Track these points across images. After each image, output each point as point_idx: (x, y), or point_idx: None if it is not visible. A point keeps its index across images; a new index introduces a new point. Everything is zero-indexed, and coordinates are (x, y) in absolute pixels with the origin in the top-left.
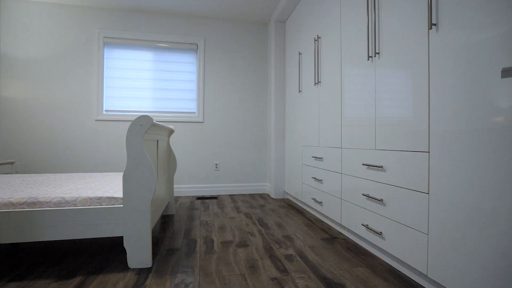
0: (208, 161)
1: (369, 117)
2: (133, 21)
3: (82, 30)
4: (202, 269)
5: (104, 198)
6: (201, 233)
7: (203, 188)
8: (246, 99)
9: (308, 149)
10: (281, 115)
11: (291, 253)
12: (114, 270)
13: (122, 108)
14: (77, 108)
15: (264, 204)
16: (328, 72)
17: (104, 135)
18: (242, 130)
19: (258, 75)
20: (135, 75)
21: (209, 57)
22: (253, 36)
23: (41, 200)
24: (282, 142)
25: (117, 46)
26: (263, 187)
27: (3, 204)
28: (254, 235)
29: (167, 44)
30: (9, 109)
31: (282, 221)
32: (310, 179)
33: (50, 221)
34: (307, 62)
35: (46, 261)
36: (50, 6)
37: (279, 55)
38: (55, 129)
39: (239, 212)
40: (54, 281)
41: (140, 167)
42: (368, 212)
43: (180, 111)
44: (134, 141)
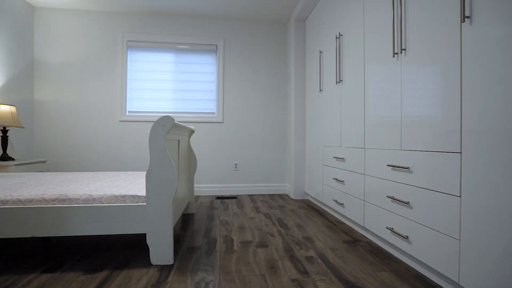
0: (227, 161)
1: (394, 116)
2: (154, 24)
3: (107, 35)
4: (222, 268)
5: (128, 196)
6: (221, 233)
7: (223, 188)
8: (265, 99)
9: (329, 149)
10: (301, 114)
11: (311, 254)
12: (137, 266)
13: (144, 109)
14: (102, 110)
15: (283, 204)
16: (351, 70)
17: (127, 135)
18: (262, 130)
19: (277, 75)
20: (157, 76)
21: (229, 58)
22: (272, 36)
23: (71, 197)
24: (302, 142)
25: (139, 49)
26: (282, 188)
27: (37, 200)
28: (274, 236)
29: (187, 46)
30: (42, 111)
31: (302, 222)
32: (331, 180)
33: (79, 217)
34: (328, 60)
35: (75, 255)
36: (78, 13)
37: (299, 54)
38: (82, 130)
39: (258, 212)
40: (82, 274)
41: (163, 167)
42: (393, 214)
43: (200, 112)
44: (156, 141)
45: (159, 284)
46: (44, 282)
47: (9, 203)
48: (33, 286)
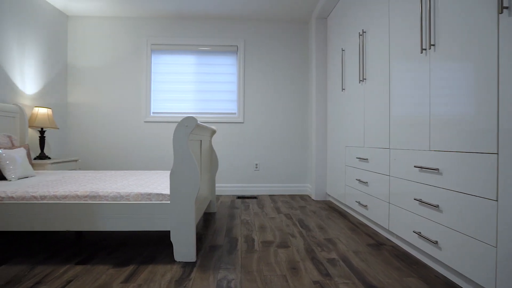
0: (248, 161)
1: (422, 115)
2: (177, 28)
3: (133, 39)
4: (243, 267)
5: (153, 194)
6: (242, 232)
7: (243, 188)
8: (286, 98)
9: (352, 150)
10: (323, 114)
11: (334, 257)
12: (162, 262)
13: (168, 110)
14: (128, 111)
15: (304, 205)
16: (375, 68)
17: (151, 136)
18: (282, 130)
19: (298, 74)
20: (179, 78)
21: (249, 58)
22: (293, 35)
23: (101, 194)
24: (324, 142)
25: (162, 52)
26: (303, 188)
27: (71, 196)
28: (294, 237)
29: (208, 48)
30: (74, 113)
31: (323, 223)
32: (354, 181)
33: (108, 213)
34: (351, 58)
35: (104, 249)
36: (107, 19)
37: (321, 53)
38: (110, 130)
39: (279, 212)
40: (111, 267)
41: (186, 166)
42: (421, 218)
43: (221, 112)
44: (180, 141)
45: (183, 280)
46: (77, 273)
47: (47, 198)
48: (68, 276)
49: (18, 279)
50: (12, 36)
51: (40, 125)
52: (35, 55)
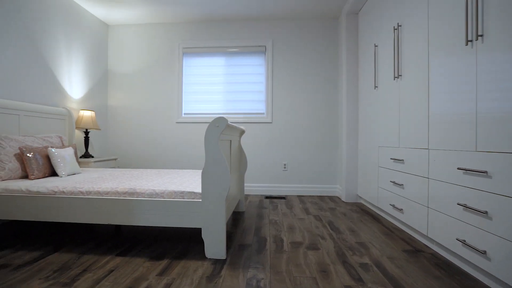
0: (276, 161)
1: (467, 113)
2: (206, 31)
3: (166, 44)
4: (272, 267)
5: (186, 192)
6: (270, 232)
7: (272, 188)
8: (315, 97)
9: (386, 150)
10: (354, 113)
11: (366, 261)
12: (193, 258)
13: (198, 111)
14: (162, 112)
15: (334, 207)
16: (411, 63)
17: (183, 136)
18: (311, 130)
19: (327, 73)
20: (209, 80)
21: (277, 58)
22: (321, 33)
23: (138, 191)
24: (355, 142)
25: (193, 54)
26: (333, 190)
27: (112, 192)
28: (324, 239)
29: (236, 49)
30: (114, 115)
31: (355, 226)
32: (388, 183)
33: (144, 209)
34: (384, 54)
35: (141, 243)
36: (142, 27)
37: (351, 50)
38: (145, 131)
39: (308, 213)
40: (147, 261)
41: (217, 166)
42: (466, 225)
43: (250, 112)
44: (211, 141)
45: (213, 276)
46: (118, 264)
47: (91, 194)
48: (110, 266)
49: (68, 266)
50: (62, 46)
51: (85, 127)
52: (80, 63)
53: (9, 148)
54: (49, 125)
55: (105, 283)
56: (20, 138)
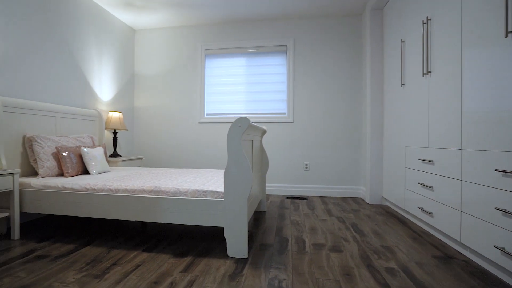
0: (298, 161)
1: (506, 110)
2: (228, 32)
3: (188, 46)
4: (294, 268)
5: (208, 191)
6: (292, 233)
7: (293, 188)
8: (338, 96)
9: (413, 150)
10: (379, 112)
11: (392, 266)
12: (216, 256)
13: (220, 112)
14: (185, 113)
15: (358, 209)
16: (442, 59)
17: (205, 136)
18: (334, 130)
19: (351, 71)
20: (230, 80)
21: (299, 57)
22: (344, 30)
23: (163, 189)
24: (380, 142)
25: (214, 56)
26: (356, 191)
27: (139, 190)
28: (348, 241)
29: (257, 49)
30: (140, 116)
31: (380, 229)
32: (416, 185)
33: (169, 207)
34: (412, 50)
35: (166, 240)
36: (165, 30)
37: (376, 47)
38: (169, 131)
39: (330, 215)
40: (172, 257)
41: (239, 165)
42: (505, 231)
43: (271, 112)
44: (233, 141)
45: (235, 275)
46: (144, 259)
47: (120, 191)
48: (137, 261)
49: (99, 259)
50: (93, 52)
51: (113, 127)
52: (110, 67)
53: (47, 148)
54: (82, 126)
55: (132, 277)
56: (56, 138)
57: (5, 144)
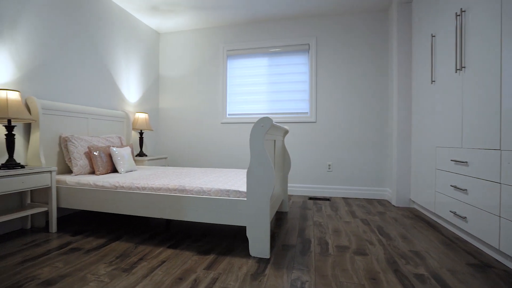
0: (320, 161)
1: None
2: (249, 32)
3: (210, 48)
4: (317, 270)
5: (231, 191)
6: (314, 234)
7: (315, 189)
8: (362, 95)
9: (445, 151)
10: (406, 111)
11: (422, 273)
12: (238, 255)
13: (242, 112)
14: (208, 113)
15: (383, 211)
16: (477, 53)
17: (227, 136)
18: (358, 129)
19: (375, 68)
20: (252, 80)
21: (321, 55)
22: (368, 27)
23: (187, 188)
24: (407, 142)
25: (236, 56)
26: (382, 193)
27: (164, 188)
28: (373, 244)
29: (279, 48)
30: (164, 117)
31: (408, 233)
32: (448, 188)
33: (193, 205)
34: (443, 45)
35: (189, 237)
36: (188, 33)
37: (403, 43)
38: (192, 131)
39: (354, 217)
40: (195, 254)
41: (262, 165)
42: None
43: (293, 112)
44: (256, 141)
45: (257, 275)
46: (169, 256)
47: (146, 189)
48: (162, 257)
49: (127, 254)
50: (121, 56)
51: (140, 128)
52: (136, 70)
53: (80, 147)
54: (111, 127)
55: (158, 272)
56: (88, 138)
57: (44, 143)
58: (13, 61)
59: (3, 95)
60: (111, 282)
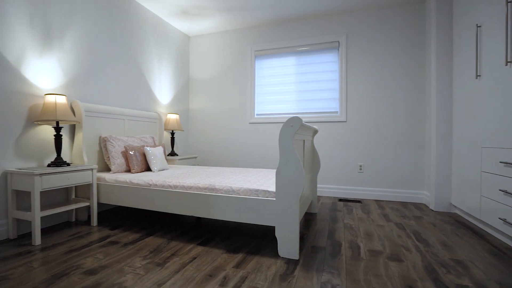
0: (351, 162)
1: None
2: (277, 32)
3: (239, 49)
4: (348, 274)
5: (260, 190)
6: (345, 237)
7: (346, 190)
8: (396, 93)
9: (492, 152)
10: (446, 108)
11: (466, 284)
12: (266, 255)
13: (270, 112)
14: (236, 114)
15: (420, 215)
16: None
17: (255, 136)
18: (391, 128)
19: (410, 64)
20: (280, 80)
21: (352, 52)
22: (403, 20)
23: (217, 187)
24: (448, 142)
25: (264, 56)
26: (418, 196)
27: (195, 187)
28: (409, 250)
29: (307, 47)
30: (194, 117)
31: (448, 240)
32: (496, 192)
33: (222, 204)
34: (491, 35)
35: (218, 235)
36: (217, 35)
37: (443, 36)
38: (221, 131)
39: (388, 220)
40: (224, 253)
41: (291, 165)
42: None
43: (322, 111)
44: (285, 141)
45: (287, 276)
46: (199, 252)
47: (178, 188)
48: (193, 253)
49: (160, 249)
50: (154, 58)
51: (171, 128)
52: (168, 72)
53: (117, 147)
54: (144, 127)
55: (189, 268)
56: (125, 138)
57: (86, 143)
58: (61, 67)
59: (52, 100)
60: (146, 275)
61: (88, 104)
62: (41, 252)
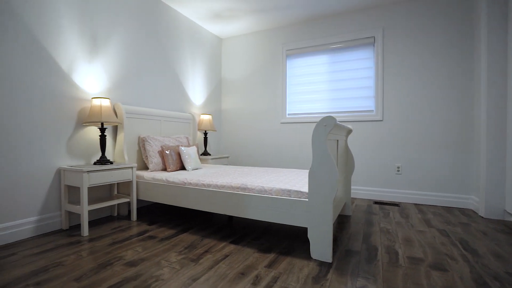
0: (387, 163)
1: None
2: (308, 30)
3: (270, 49)
4: (386, 281)
5: (292, 191)
6: (382, 241)
7: (381, 193)
8: (437, 89)
9: None
10: (499, 106)
11: None
12: (298, 256)
13: (302, 111)
14: (267, 113)
15: (468, 222)
16: None
17: (287, 136)
18: (433, 128)
19: (455, 58)
20: (312, 79)
21: (389, 48)
22: (447, 11)
23: (249, 186)
24: (501, 142)
25: (296, 55)
26: (464, 201)
27: (227, 186)
28: (455, 260)
29: (340, 44)
30: (226, 117)
31: (502, 250)
32: None
33: (254, 203)
34: None
35: (250, 235)
36: (248, 36)
37: (495, 27)
38: (252, 131)
39: (429, 226)
40: (256, 252)
41: (324, 166)
42: None
43: (356, 110)
44: (319, 141)
45: (319, 278)
46: (231, 251)
47: (211, 186)
48: (226, 251)
49: (194, 246)
50: (187, 61)
51: (204, 129)
52: (201, 74)
53: (154, 147)
54: (179, 128)
55: (222, 265)
56: (161, 138)
57: (127, 143)
58: (105, 72)
59: (97, 103)
60: (181, 270)
61: (128, 106)
62: (89, 242)
